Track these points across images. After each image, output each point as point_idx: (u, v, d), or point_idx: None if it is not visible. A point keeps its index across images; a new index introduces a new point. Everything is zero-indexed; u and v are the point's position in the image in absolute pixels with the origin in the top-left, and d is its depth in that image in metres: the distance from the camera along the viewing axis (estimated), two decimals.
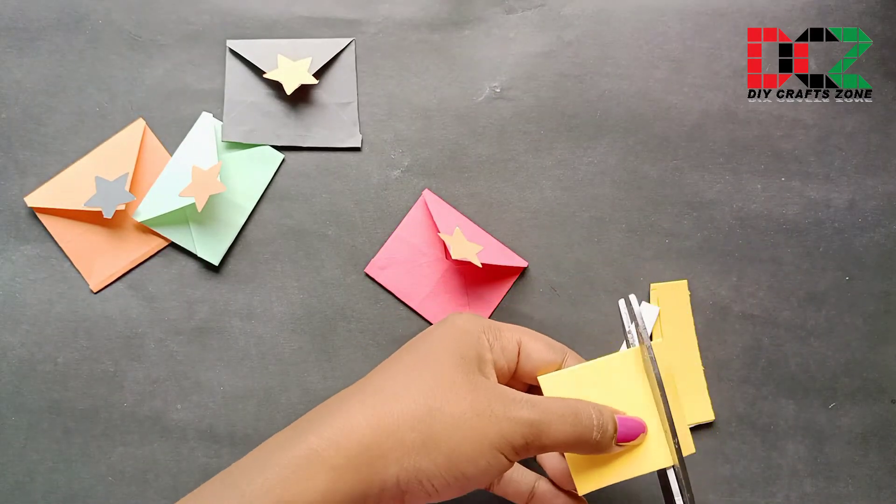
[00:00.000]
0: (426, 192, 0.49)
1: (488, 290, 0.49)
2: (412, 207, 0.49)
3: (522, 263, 0.48)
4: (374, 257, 0.49)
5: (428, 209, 0.49)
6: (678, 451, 0.38)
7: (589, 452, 0.38)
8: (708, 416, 0.47)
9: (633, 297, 0.39)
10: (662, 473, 0.39)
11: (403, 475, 0.34)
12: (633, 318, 0.39)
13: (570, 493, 0.42)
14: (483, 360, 0.38)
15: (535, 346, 0.40)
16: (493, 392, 0.36)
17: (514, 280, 0.49)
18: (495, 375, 0.38)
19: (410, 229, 0.49)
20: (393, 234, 0.49)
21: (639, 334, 0.38)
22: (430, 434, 0.35)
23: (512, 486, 0.42)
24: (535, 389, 0.40)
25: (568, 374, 0.39)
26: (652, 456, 0.38)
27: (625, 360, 0.39)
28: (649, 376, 0.39)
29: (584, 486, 0.39)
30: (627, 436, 0.38)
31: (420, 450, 0.34)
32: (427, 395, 0.36)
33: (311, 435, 0.35)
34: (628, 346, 0.40)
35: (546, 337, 0.41)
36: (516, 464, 0.42)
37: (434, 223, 0.49)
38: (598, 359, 0.39)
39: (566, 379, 0.39)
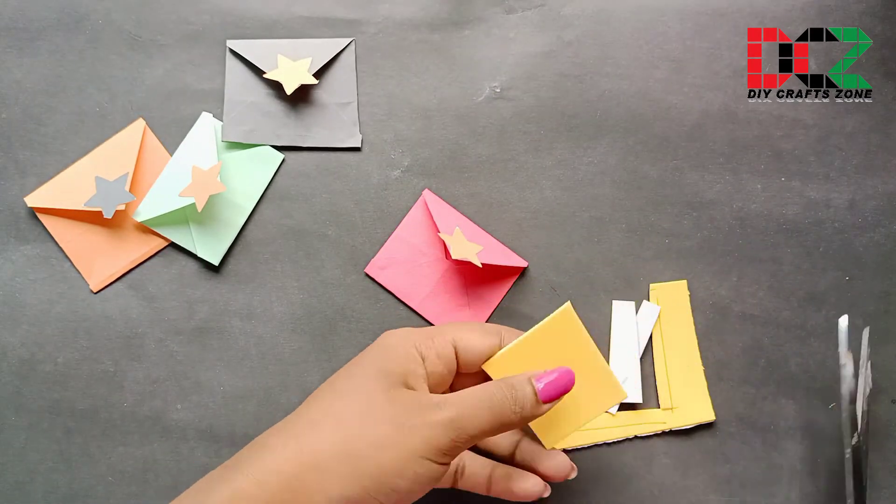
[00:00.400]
0: (426, 192, 0.49)
1: (488, 290, 0.49)
2: (412, 207, 0.49)
3: (522, 263, 0.48)
4: (374, 257, 0.49)
5: (428, 209, 0.49)
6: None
7: (520, 426, 0.38)
8: (708, 416, 0.47)
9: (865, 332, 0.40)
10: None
11: None
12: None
13: (520, 470, 0.43)
14: (410, 374, 0.38)
15: (469, 338, 0.40)
16: (411, 402, 0.36)
17: (514, 280, 0.49)
18: (425, 385, 0.39)
19: (410, 229, 0.49)
20: (393, 234, 0.49)
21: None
22: (354, 460, 0.35)
23: (470, 479, 0.43)
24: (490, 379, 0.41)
25: (508, 352, 0.39)
26: (604, 397, 0.40)
27: (554, 323, 0.39)
28: (580, 332, 0.39)
29: (551, 441, 0.40)
30: (553, 392, 0.38)
31: (346, 478, 0.35)
32: (347, 421, 0.36)
33: (238, 474, 0.35)
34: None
35: (480, 324, 0.41)
36: (470, 454, 0.43)
37: (434, 223, 0.49)
38: (531, 329, 0.39)
39: (508, 358, 0.39)
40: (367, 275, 0.49)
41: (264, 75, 0.49)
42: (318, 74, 0.50)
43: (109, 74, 0.50)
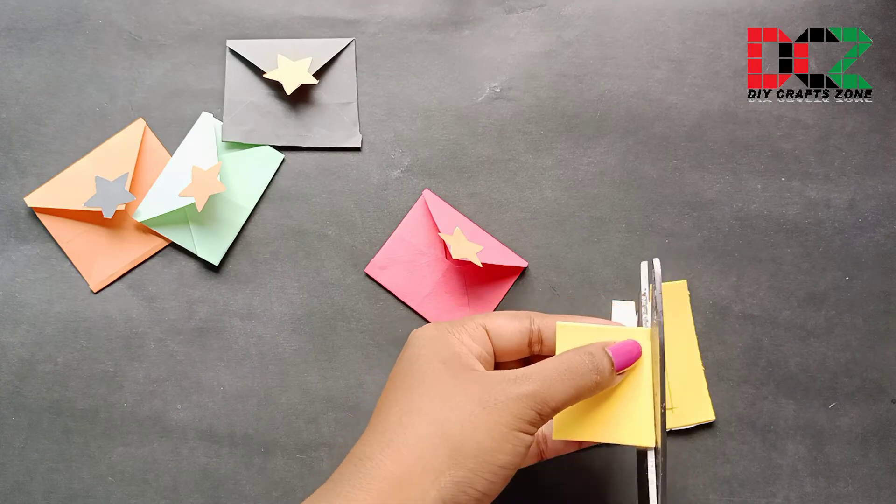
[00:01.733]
0: (426, 192, 0.49)
1: (488, 290, 0.49)
2: (412, 207, 0.49)
3: (522, 263, 0.48)
4: (375, 257, 0.49)
5: (428, 209, 0.49)
6: (664, 434, 0.38)
7: (599, 392, 0.38)
8: (708, 415, 0.47)
9: (657, 262, 0.39)
10: (641, 457, 0.40)
11: (444, 493, 0.34)
12: (651, 280, 0.40)
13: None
14: (463, 356, 0.38)
15: (500, 323, 0.40)
16: (489, 381, 0.36)
17: (514, 280, 0.49)
18: (481, 365, 0.39)
19: (410, 229, 0.49)
20: (393, 234, 0.49)
21: (653, 298, 0.39)
22: (451, 445, 0.35)
23: (559, 442, 0.42)
24: (527, 363, 0.41)
25: (585, 329, 0.40)
26: (636, 431, 0.39)
27: (636, 334, 0.40)
28: (654, 357, 0.39)
29: (561, 433, 0.40)
30: (625, 361, 0.38)
31: (449, 464, 0.35)
32: (433, 412, 0.36)
33: (346, 487, 0.35)
34: (639, 309, 0.41)
35: (506, 312, 0.42)
36: None
37: (434, 223, 0.49)
38: (616, 325, 0.40)
39: (580, 332, 0.40)
40: (368, 275, 0.49)
41: (264, 75, 0.49)
42: (318, 74, 0.50)
43: (109, 74, 0.50)
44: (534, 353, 0.42)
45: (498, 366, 0.41)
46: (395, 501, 0.34)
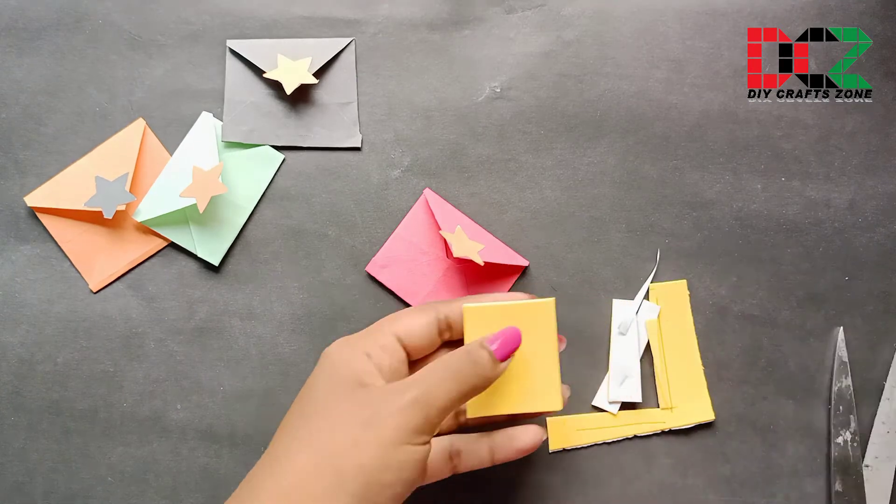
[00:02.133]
0: (427, 191, 0.49)
1: (489, 289, 0.49)
2: (413, 206, 0.49)
3: (523, 262, 0.48)
4: (375, 256, 0.49)
5: (429, 207, 0.49)
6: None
7: (483, 389, 0.39)
8: (708, 415, 0.47)
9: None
10: None
11: None
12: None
13: (519, 426, 0.43)
14: (361, 373, 0.38)
15: (407, 323, 0.41)
16: (374, 397, 0.37)
17: (514, 279, 0.49)
18: (381, 379, 0.39)
19: (411, 228, 0.49)
20: (394, 233, 0.49)
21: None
22: (334, 471, 0.35)
23: (470, 457, 0.42)
24: (460, 342, 0.41)
25: (489, 309, 0.40)
26: (544, 398, 0.41)
27: (535, 307, 0.41)
28: (551, 330, 0.41)
29: (475, 411, 0.40)
30: (506, 351, 0.39)
31: (333, 491, 0.35)
32: (317, 439, 0.36)
33: None
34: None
35: (412, 308, 0.42)
36: (460, 435, 0.43)
37: (435, 222, 0.49)
38: (513, 301, 0.41)
39: (485, 313, 0.40)
40: (368, 274, 0.49)
41: (264, 75, 0.49)
42: (318, 74, 0.50)
43: (109, 74, 0.50)
44: (445, 341, 0.42)
45: (416, 364, 0.42)
46: None
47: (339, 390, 0.37)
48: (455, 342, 0.42)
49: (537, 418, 0.45)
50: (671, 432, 0.47)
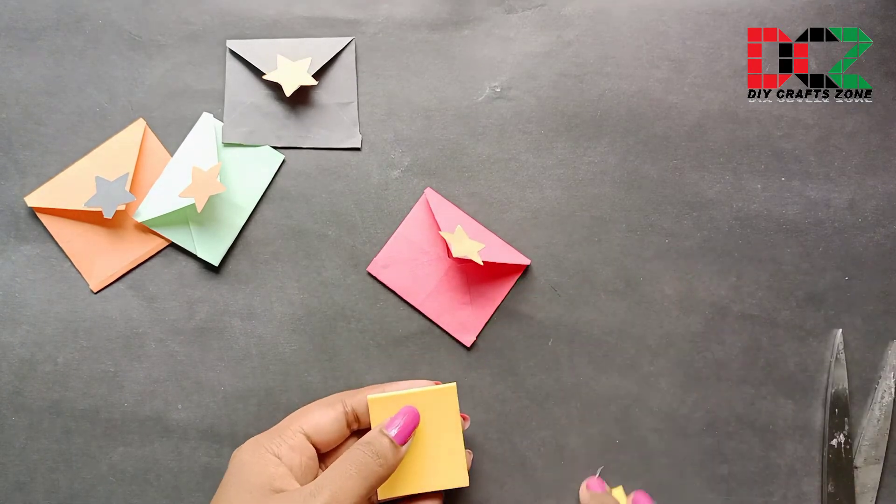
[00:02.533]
0: (428, 191, 0.49)
1: (490, 289, 0.49)
2: (414, 206, 0.49)
3: (525, 261, 0.49)
4: (377, 256, 0.49)
5: (430, 207, 0.49)
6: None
7: (388, 476, 0.40)
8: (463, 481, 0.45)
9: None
10: None
11: None
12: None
13: None
14: (273, 477, 0.39)
15: (314, 420, 0.42)
16: (284, 503, 0.38)
17: (516, 278, 0.49)
18: (293, 480, 0.40)
19: (412, 228, 0.49)
20: (395, 233, 0.49)
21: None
22: None
23: None
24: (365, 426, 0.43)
25: (389, 397, 0.43)
26: (451, 475, 0.43)
27: (438, 394, 0.43)
28: (454, 412, 0.43)
29: (385, 493, 0.43)
30: (405, 434, 0.41)
31: None
32: None
33: None
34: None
35: (319, 402, 0.44)
36: None
37: (436, 221, 0.49)
38: (415, 389, 0.43)
39: (388, 401, 0.43)
40: (369, 274, 0.49)
41: (263, 77, 0.49)
42: (318, 74, 0.50)
43: (109, 74, 0.50)
44: (353, 431, 0.44)
45: (327, 456, 0.44)
46: None
47: (253, 499, 0.38)
48: (363, 430, 0.44)
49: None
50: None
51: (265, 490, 0.39)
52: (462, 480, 0.43)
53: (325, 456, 0.43)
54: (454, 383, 0.43)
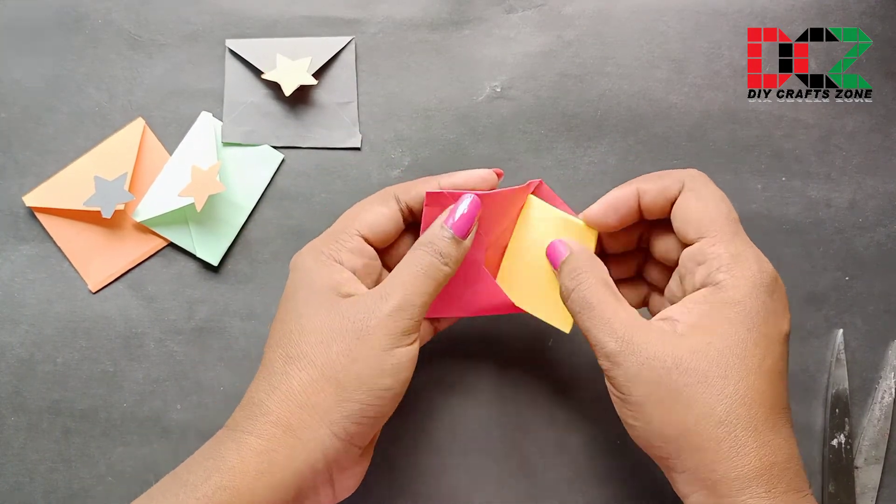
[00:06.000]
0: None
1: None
2: None
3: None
4: None
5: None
6: None
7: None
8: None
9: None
10: None
11: (336, 429, 0.36)
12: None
13: None
14: (339, 283, 0.39)
15: (371, 221, 0.41)
16: (357, 308, 0.37)
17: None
18: (359, 283, 0.39)
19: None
20: None
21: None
22: (334, 384, 0.36)
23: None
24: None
25: (552, 213, 0.42)
26: (559, 313, 0.42)
27: (584, 230, 0.42)
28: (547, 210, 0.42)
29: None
30: (464, 225, 0.39)
31: (336, 401, 0.36)
32: (312, 354, 0.37)
33: (239, 433, 0.37)
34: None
35: (370, 199, 0.42)
36: None
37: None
38: (570, 216, 0.42)
39: (548, 213, 0.42)
40: None
41: (263, 76, 0.49)
42: (318, 74, 0.50)
43: (109, 74, 0.50)
44: (409, 224, 0.43)
45: (385, 252, 0.43)
46: (287, 445, 0.36)
47: (323, 305, 0.38)
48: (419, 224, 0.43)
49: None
50: None
51: (334, 295, 0.38)
52: (565, 324, 0.42)
53: (382, 252, 0.42)
54: (537, 180, 0.42)
